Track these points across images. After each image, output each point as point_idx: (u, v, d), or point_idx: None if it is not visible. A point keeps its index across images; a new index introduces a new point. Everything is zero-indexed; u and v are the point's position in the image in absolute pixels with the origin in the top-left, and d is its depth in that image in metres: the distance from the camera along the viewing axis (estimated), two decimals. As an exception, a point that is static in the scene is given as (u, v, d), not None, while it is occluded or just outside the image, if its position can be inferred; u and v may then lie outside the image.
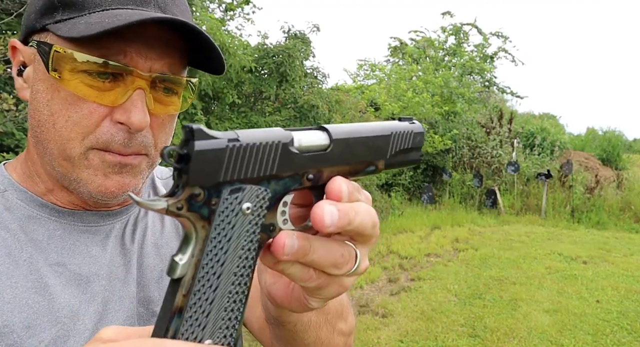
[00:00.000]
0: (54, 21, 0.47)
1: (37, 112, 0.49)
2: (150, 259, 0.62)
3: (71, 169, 0.51)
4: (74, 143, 0.49)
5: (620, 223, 8.99)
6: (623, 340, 3.79)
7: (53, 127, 0.49)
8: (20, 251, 0.51)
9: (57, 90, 0.48)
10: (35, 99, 0.49)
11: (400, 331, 3.87)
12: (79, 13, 0.47)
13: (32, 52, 0.50)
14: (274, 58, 5.36)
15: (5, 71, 2.77)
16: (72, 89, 0.47)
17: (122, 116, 0.49)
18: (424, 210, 9.54)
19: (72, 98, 0.48)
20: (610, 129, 15.44)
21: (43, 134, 0.50)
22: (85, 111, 0.48)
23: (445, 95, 12.31)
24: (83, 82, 0.47)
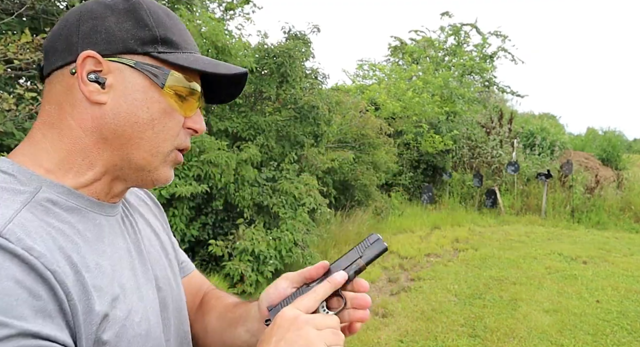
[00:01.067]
0: (157, 51, 0.62)
1: (133, 115, 0.61)
2: (148, 246, 0.73)
3: (152, 161, 0.63)
4: (167, 143, 0.64)
5: (620, 223, 8.99)
6: (623, 340, 3.80)
7: (152, 129, 0.62)
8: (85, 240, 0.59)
9: (159, 101, 0.62)
10: (131, 104, 0.61)
11: (400, 331, 3.88)
12: (175, 50, 0.63)
13: (119, 67, 0.60)
14: (274, 58, 5.35)
15: (5, 71, 2.77)
16: (170, 102, 0.63)
17: (194, 124, 0.67)
18: (424, 210, 9.54)
19: (169, 109, 0.63)
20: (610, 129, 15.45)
21: (139, 133, 0.62)
22: (176, 120, 0.64)
23: (445, 95, 12.31)
24: (175, 100, 0.64)
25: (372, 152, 8.10)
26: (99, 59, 0.59)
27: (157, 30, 0.62)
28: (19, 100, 2.88)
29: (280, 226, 4.86)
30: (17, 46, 2.70)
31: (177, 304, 0.75)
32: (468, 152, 11.46)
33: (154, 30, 0.62)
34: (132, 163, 0.63)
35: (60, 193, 0.59)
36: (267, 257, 4.41)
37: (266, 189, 4.98)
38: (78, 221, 0.59)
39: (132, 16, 0.61)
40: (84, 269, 0.55)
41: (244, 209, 4.72)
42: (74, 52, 0.59)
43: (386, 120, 9.47)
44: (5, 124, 2.84)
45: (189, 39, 0.66)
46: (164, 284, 0.71)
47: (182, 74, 0.63)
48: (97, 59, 0.59)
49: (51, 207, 0.57)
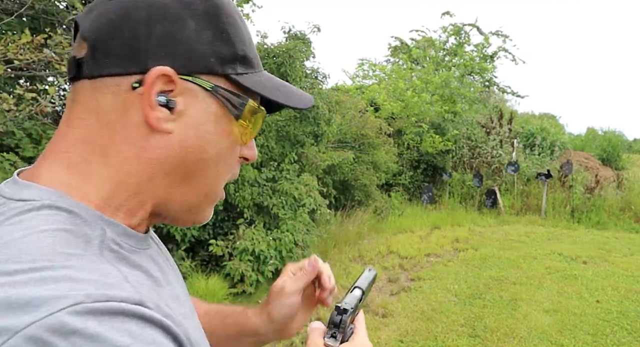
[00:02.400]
0: (236, 73, 0.51)
1: (200, 150, 0.50)
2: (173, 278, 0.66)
3: (204, 202, 0.54)
4: (223, 182, 0.55)
5: (620, 223, 8.99)
6: (623, 340, 3.80)
7: (215, 168, 0.52)
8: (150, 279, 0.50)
9: (229, 134, 0.52)
10: (200, 138, 0.50)
11: (400, 331, 3.88)
12: (250, 70, 0.52)
13: (194, 89, 0.48)
14: (274, 58, 5.36)
15: (5, 71, 2.77)
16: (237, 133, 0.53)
17: (248, 152, 0.57)
18: (424, 210, 9.54)
19: (234, 145, 0.53)
20: (610, 129, 15.46)
21: (200, 171, 0.51)
22: (236, 156, 0.55)
23: (446, 95, 12.31)
24: (242, 131, 0.54)
25: (372, 152, 8.10)
26: (175, 79, 0.47)
27: (237, 46, 0.50)
28: (19, 100, 2.88)
29: (281, 227, 4.86)
30: (17, 46, 2.70)
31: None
32: (468, 152, 11.46)
33: (235, 46, 0.50)
34: (186, 203, 0.52)
35: (121, 235, 0.48)
36: (267, 257, 4.42)
37: (266, 190, 4.99)
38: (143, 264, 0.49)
39: (212, 23, 0.49)
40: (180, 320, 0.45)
41: (244, 209, 4.72)
42: (141, 62, 0.46)
43: (386, 120, 9.47)
44: (6, 124, 2.84)
45: (256, 50, 0.55)
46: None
47: (250, 97, 0.52)
48: (171, 77, 0.46)
49: (119, 251, 0.46)
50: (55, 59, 2.87)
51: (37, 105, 2.81)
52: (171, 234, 4.09)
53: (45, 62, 2.92)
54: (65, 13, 3.68)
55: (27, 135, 3.24)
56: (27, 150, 3.10)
